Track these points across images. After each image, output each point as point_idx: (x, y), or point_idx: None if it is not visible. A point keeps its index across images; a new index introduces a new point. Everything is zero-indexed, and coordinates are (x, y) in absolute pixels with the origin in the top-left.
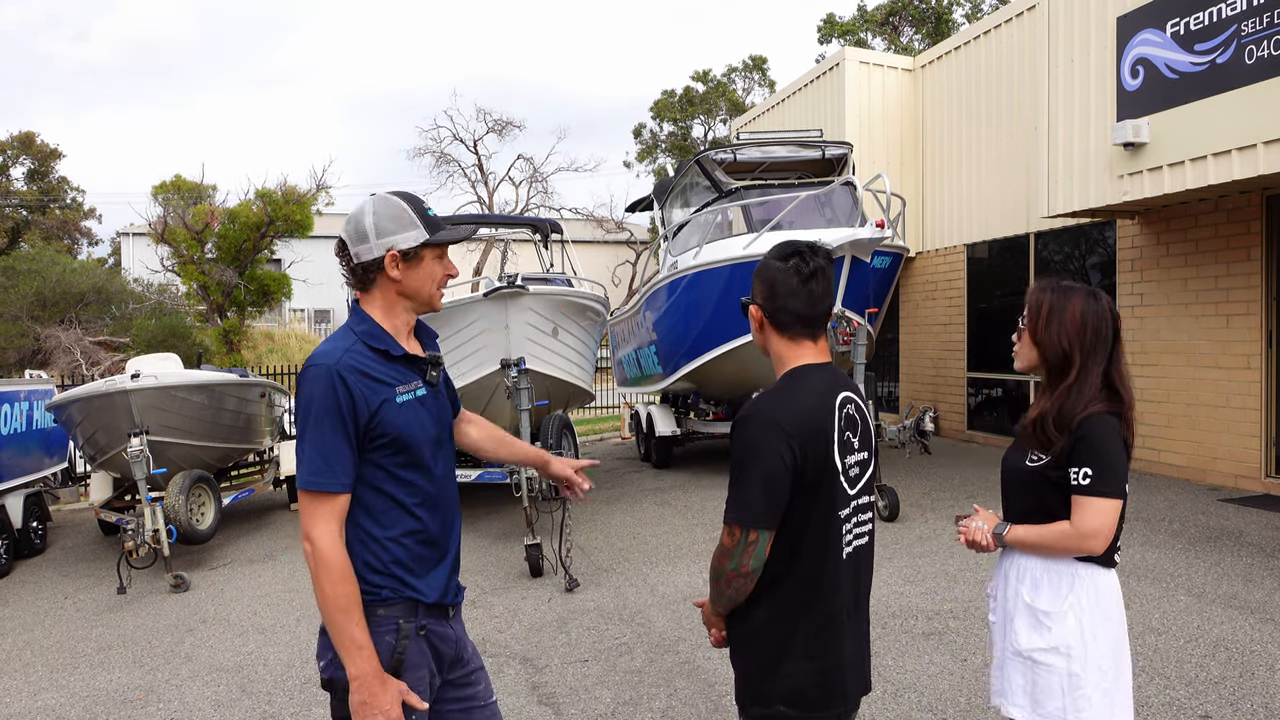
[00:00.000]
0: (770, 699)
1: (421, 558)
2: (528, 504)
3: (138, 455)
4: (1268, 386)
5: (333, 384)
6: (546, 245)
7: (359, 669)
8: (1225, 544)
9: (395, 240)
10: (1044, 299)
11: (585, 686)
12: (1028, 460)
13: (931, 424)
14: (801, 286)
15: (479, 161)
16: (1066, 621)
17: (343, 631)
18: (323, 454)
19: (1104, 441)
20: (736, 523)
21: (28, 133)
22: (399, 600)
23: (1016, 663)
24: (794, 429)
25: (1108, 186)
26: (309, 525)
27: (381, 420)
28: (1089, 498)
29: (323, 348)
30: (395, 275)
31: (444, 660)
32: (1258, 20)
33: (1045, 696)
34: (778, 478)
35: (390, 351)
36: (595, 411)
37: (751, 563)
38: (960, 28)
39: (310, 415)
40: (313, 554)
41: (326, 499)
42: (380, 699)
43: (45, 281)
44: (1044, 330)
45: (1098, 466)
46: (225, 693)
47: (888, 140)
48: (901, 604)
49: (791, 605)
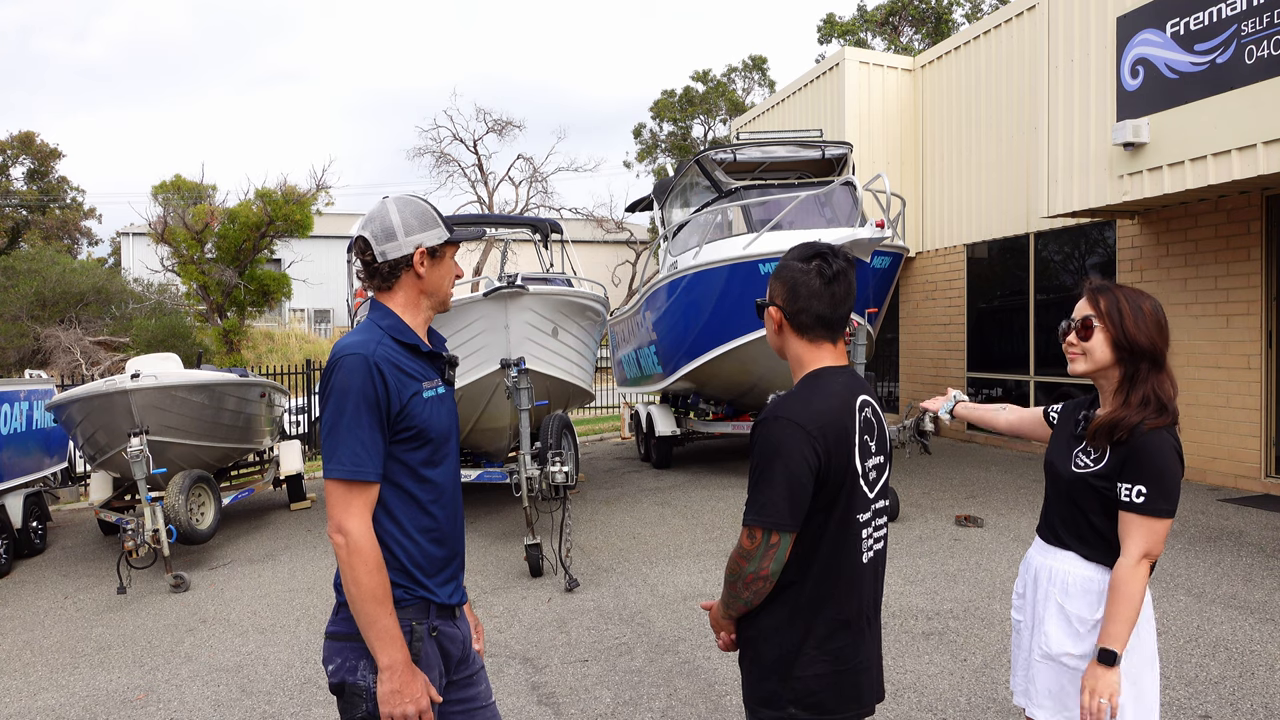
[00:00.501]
0: (782, 701)
1: (434, 557)
2: (528, 504)
3: (137, 455)
4: (1267, 386)
5: (370, 374)
6: (546, 245)
7: (391, 658)
8: (1225, 544)
9: (424, 238)
10: (1119, 297)
11: (585, 686)
12: (1074, 465)
13: (931, 424)
14: (825, 289)
15: (479, 161)
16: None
17: (377, 622)
18: (362, 443)
19: (1162, 457)
20: (758, 525)
21: (27, 132)
22: (413, 601)
23: (1045, 665)
24: (818, 431)
25: (1107, 186)
26: (342, 516)
27: (410, 413)
28: (1141, 517)
29: (352, 338)
30: (422, 272)
31: (451, 661)
32: (1258, 20)
33: (1073, 701)
34: (801, 480)
35: (419, 347)
36: (595, 411)
37: (772, 565)
38: (960, 28)
39: (347, 404)
40: (345, 545)
41: (362, 489)
42: (412, 688)
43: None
44: (1134, 329)
45: (1153, 484)
46: (225, 693)
47: (887, 140)
48: (901, 604)
49: (806, 608)
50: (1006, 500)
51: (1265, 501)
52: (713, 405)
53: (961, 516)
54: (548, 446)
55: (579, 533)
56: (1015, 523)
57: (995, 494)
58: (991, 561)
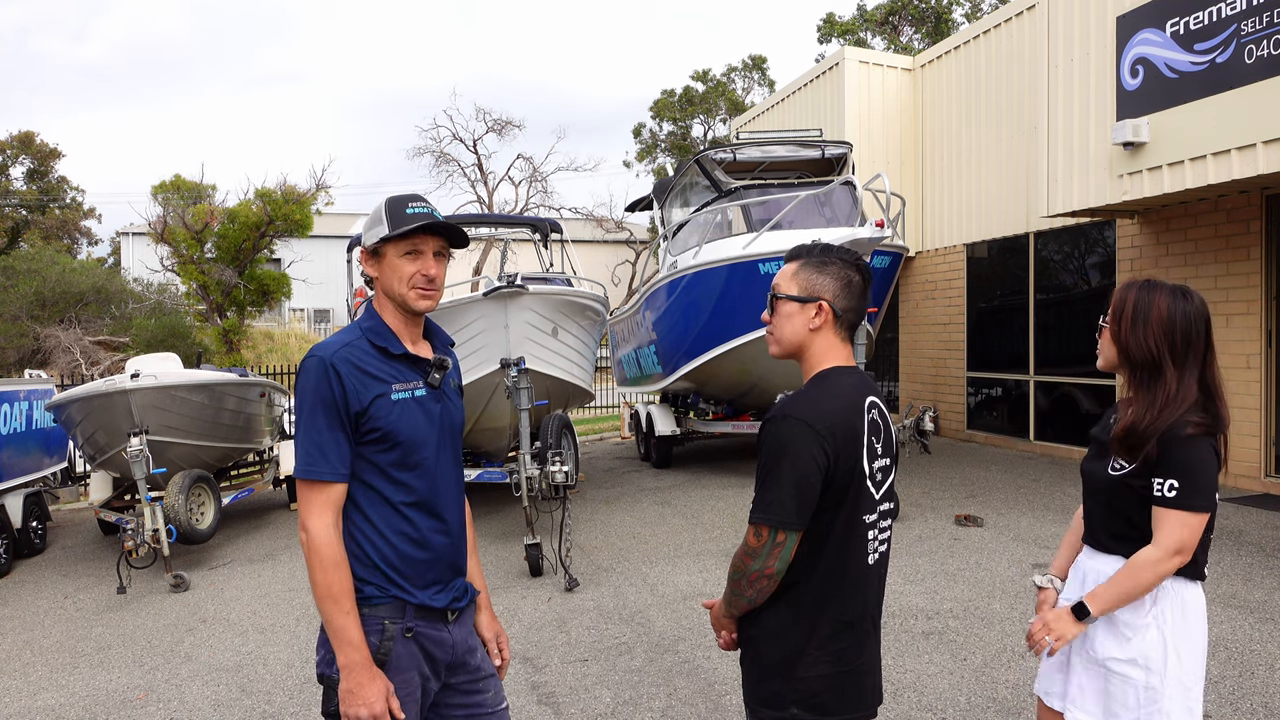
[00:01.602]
0: (784, 702)
1: (411, 559)
2: (527, 503)
3: (137, 455)
4: (1268, 386)
5: (325, 375)
6: (546, 245)
7: (348, 658)
8: (1225, 544)
9: (367, 238)
10: (1128, 296)
11: (585, 686)
12: (1110, 468)
13: (931, 424)
14: (865, 288)
15: (479, 161)
16: (1148, 634)
17: (332, 620)
18: (316, 443)
19: (1196, 450)
20: (764, 523)
21: (27, 132)
22: (385, 599)
23: (1091, 669)
24: (827, 431)
25: (1107, 186)
26: (305, 514)
27: (374, 414)
28: (1173, 511)
29: (326, 340)
30: (372, 272)
31: (438, 664)
32: (1257, 20)
33: (1120, 707)
34: (809, 479)
35: (390, 349)
36: (595, 411)
37: (777, 564)
38: (960, 27)
39: (305, 405)
40: (307, 542)
41: (320, 488)
42: (366, 690)
43: (45, 281)
44: (1129, 331)
45: (1185, 478)
46: (225, 692)
47: (887, 140)
48: (901, 604)
49: (810, 608)
50: (1006, 500)
51: (1265, 501)
52: (712, 405)
53: (961, 516)
54: (547, 446)
55: (579, 532)
56: (1015, 522)
57: (995, 494)
58: (991, 561)
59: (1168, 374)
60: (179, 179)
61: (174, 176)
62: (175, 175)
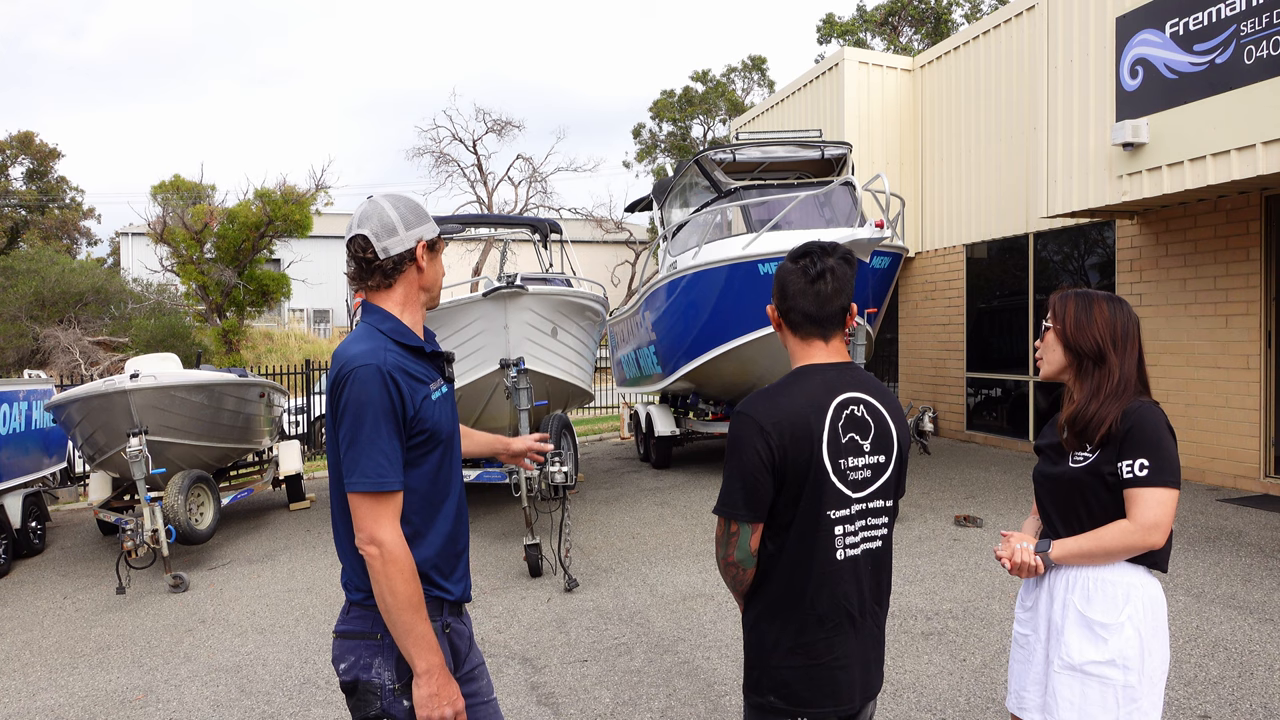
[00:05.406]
0: (763, 689)
1: (449, 556)
2: (527, 504)
3: (137, 455)
4: (1267, 386)
5: (386, 385)
6: (546, 245)
7: (429, 663)
8: (1224, 544)
9: (422, 231)
10: (1068, 300)
11: (585, 686)
12: (1071, 462)
13: (930, 424)
14: (809, 287)
15: (478, 161)
16: (1124, 633)
17: (414, 629)
18: (384, 453)
19: (1156, 430)
20: (720, 514)
21: (26, 132)
22: (429, 600)
23: (1066, 676)
24: (772, 427)
25: (1107, 186)
26: (374, 528)
27: (423, 416)
28: (1148, 489)
29: (360, 348)
30: (424, 265)
31: (460, 657)
32: (1257, 20)
33: (1098, 710)
34: (755, 473)
35: (422, 348)
36: (595, 411)
37: (736, 554)
38: (959, 28)
39: (367, 417)
40: (380, 555)
41: (390, 499)
42: (449, 690)
43: (44, 281)
44: (1074, 329)
45: (1154, 457)
46: (224, 693)
47: (887, 140)
48: (901, 604)
49: (776, 603)
50: (1006, 500)
51: (1264, 501)
52: (712, 405)
53: (961, 516)
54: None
55: (578, 533)
56: (1014, 523)
57: (995, 494)
58: (991, 561)
59: (1111, 361)
60: (178, 179)
61: (173, 177)
62: (175, 175)
